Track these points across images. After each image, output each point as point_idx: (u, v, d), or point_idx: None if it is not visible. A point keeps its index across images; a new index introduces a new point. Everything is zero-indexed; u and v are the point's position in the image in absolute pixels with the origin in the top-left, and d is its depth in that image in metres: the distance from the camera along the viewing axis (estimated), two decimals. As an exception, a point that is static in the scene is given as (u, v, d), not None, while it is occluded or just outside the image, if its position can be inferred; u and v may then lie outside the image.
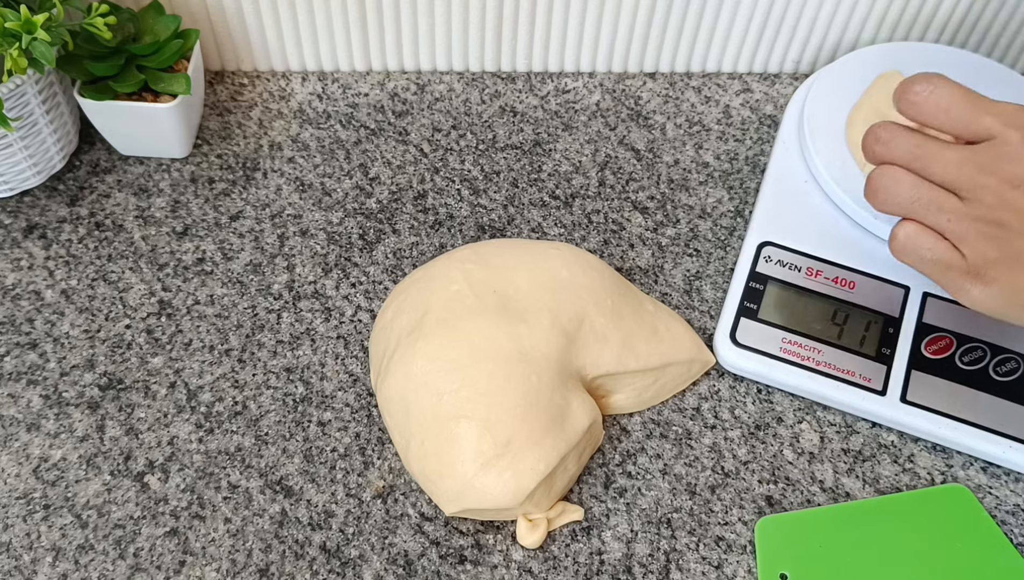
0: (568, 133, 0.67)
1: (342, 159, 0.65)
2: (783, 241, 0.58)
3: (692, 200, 0.64)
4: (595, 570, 0.49)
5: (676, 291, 0.60)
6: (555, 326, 0.50)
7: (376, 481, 0.52)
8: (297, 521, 0.50)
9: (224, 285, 0.59)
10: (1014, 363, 0.54)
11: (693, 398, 0.55)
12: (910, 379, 0.54)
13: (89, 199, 0.62)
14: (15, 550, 0.49)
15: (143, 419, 0.53)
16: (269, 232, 0.61)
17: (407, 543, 0.50)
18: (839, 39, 0.69)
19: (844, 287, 0.57)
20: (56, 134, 0.60)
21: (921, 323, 0.55)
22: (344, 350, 0.56)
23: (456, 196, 0.64)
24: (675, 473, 0.52)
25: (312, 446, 0.53)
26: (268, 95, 0.68)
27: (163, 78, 0.60)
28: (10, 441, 0.52)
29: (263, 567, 0.49)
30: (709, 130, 0.68)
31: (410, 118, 0.68)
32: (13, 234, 0.60)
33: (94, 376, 0.55)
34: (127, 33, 0.60)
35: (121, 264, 0.59)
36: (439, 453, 0.48)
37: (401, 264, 0.60)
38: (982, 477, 0.53)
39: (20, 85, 0.56)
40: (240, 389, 0.55)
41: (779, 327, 0.56)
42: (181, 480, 0.51)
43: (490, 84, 0.70)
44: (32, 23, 0.51)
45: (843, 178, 0.59)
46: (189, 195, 0.63)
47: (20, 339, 0.56)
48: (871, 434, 0.54)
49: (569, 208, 0.63)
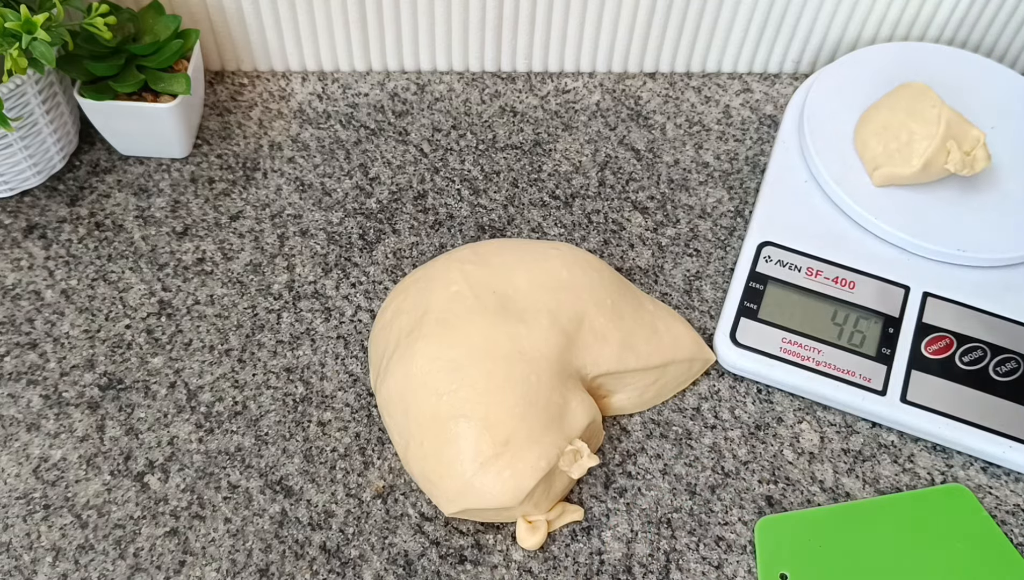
0: (568, 133, 0.67)
1: (342, 159, 0.65)
2: (783, 241, 0.58)
3: (692, 200, 0.64)
4: (595, 570, 0.49)
5: (676, 291, 0.60)
6: (555, 326, 0.50)
7: (376, 481, 0.52)
8: (297, 521, 0.50)
9: (224, 285, 0.59)
10: (1014, 363, 0.54)
11: (693, 398, 0.55)
12: (910, 379, 0.54)
13: (89, 199, 0.62)
14: (15, 550, 0.49)
15: (143, 419, 0.53)
16: (269, 232, 0.61)
17: (407, 543, 0.50)
18: (839, 39, 0.69)
19: (844, 287, 0.57)
20: (56, 134, 0.60)
21: (921, 323, 0.55)
22: (344, 350, 0.56)
23: (456, 196, 0.64)
24: (675, 473, 0.52)
25: (312, 446, 0.53)
26: (268, 95, 0.68)
27: (163, 78, 0.60)
28: (10, 441, 0.52)
29: (263, 567, 0.49)
30: (709, 130, 0.68)
31: (410, 118, 0.68)
32: (13, 234, 0.60)
33: (94, 376, 0.55)
34: (127, 33, 0.60)
35: (121, 264, 0.59)
36: (438, 453, 0.48)
37: (401, 264, 0.60)
38: (982, 477, 0.53)
39: (20, 85, 0.56)
40: (240, 389, 0.55)
41: (779, 327, 0.56)
42: (181, 480, 0.51)
43: (490, 84, 0.70)
44: (32, 23, 0.51)
45: (843, 178, 0.59)
46: (189, 195, 0.63)
47: (20, 339, 0.56)
48: (871, 434, 0.54)
49: (569, 208, 0.63)
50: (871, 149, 0.59)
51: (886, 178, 0.58)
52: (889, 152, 0.58)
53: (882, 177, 0.58)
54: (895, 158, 0.58)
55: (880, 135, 0.59)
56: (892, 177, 0.58)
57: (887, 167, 0.58)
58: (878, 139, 0.59)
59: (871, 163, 0.59)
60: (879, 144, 0.59)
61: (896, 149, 0.58)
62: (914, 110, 0.58)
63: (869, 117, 0.60)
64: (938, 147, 0.56)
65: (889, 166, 0.58)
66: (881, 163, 0.58)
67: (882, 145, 0.58)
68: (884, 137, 0.58)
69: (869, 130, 0.59)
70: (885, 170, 0.58)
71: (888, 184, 0.59)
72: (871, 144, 0.59)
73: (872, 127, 0.59)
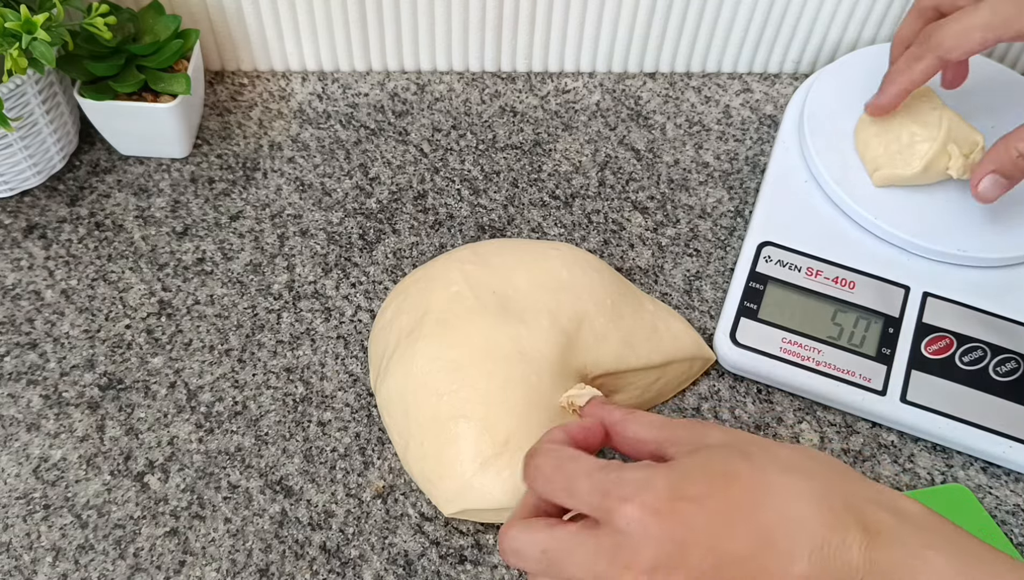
0: (568, 133, 0.67)
1: (342, 159, 0.65)
2: (783, 241, 0.58)
3: (692, 200, 0.64)
4: (595, 570, 0.49)
5: (676, 291, 0.60)
6: (555, 326, 0.50)
7: (376, 481, 0.52)
8: (297, 521, 0.50)
9: (224, 285, 0.59)
10: (1014, 363, 0.54)
11: (693, 398, 0.55)
12: (910, 379, 0.54)
13: (89, 199, 0.62)
14: (15, 550, 0.49)
15: (143, 419, 0.53)
16: (269, 232, 0.61)
17: (407, 543, 0.50)
18: (839, 39, 0.69)
19: (844, 287, 0.57)
20: (56, 134, 0.60)
21: (921, 323, 0.55)
22: (344, 350, 0.56)
23: (456, 196, 0.64)
24: (675, 473, 0.52)
25: (312, 446, 0.53)
26: (268, 95, 0.68)
27: (163, 78, 0.60)
28: (10, 441, 0.52)
29: (263, 567, 0.49)
30: (709, 130, 0.68)
31: (410, 118, 0.68)
32: (13, 234, 0.60)
33: (94, 376, 0.55)
34: (127, 33, 0.60)
35: (121, 264, 0.59)
36: (438, 453, 0.48)
37: (401, 264, 0.60)
38: (982, 477, 0.53)
39: (20, 85, 0.56)
40: (240, 389, 0.55)
41: (779, 327, 0.56)
42: (181, 480, 0.51)
43: (490, 84, 0.70)
44: (32, 23, 0.51)
45: (843, 178, 0.59)
46: (189, 195, 0.63)
47: (20, 339, 0.56)
48: (871, 434, 0.54)
49: (569, 208, 0.63)
50: (872, 150, 0.59)
51: (887, 179, 0.58)
52: (890, 153, 0.58)
53: (883, 178, 0.58)
54: (896, 160, 0.58)
55: (881, 136, 0.59)
56: (893, 178, 0.58)
57: (888, 168, 0.58)
58: (879, 140, 0.59)
59: (872, 164, 0.59)
60: (880, 145, 0.59)
61: (897, 151, 0.58)
62: (915, 111, 0.58)
63: (870, 118, 0.60)
64: (939, 150, 0.56)
65: (890, 168, 0.58)
66: (882, 164, 0.58)
67: (883, 146, 0.58)
68: (885, 138, 0.58)
69: (870, 131, 0.59)
70: (886, 171, 0.58)
71: (888, 185, 0.59)
72: (872, 145, 0.59)
73: (873, 128, 0.59)
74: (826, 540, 0.33)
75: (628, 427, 0.40)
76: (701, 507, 0.34)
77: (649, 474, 0.35)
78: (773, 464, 0.36)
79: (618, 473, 0.36)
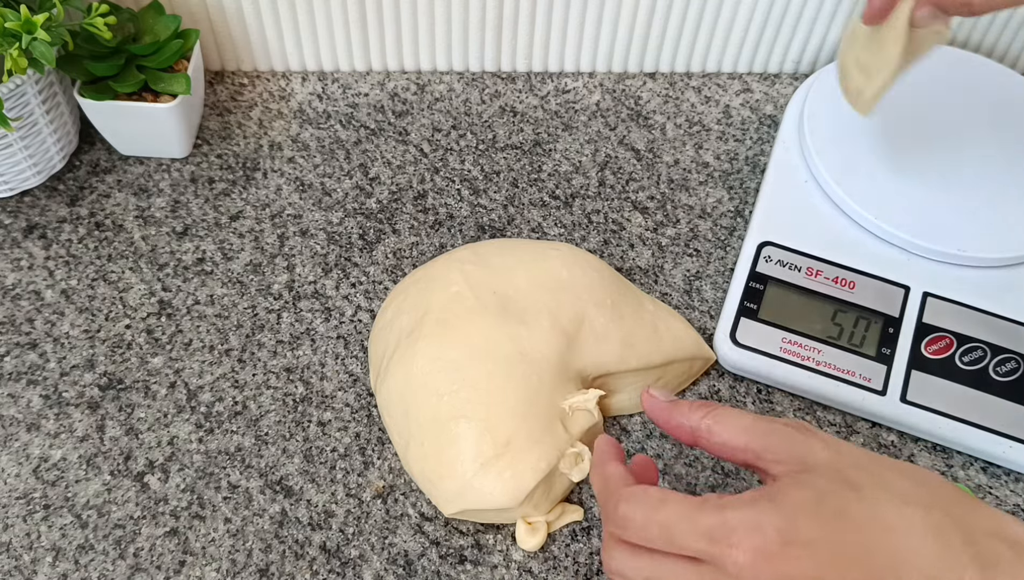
0: (568, 133, 0.67)
1: (342, 159, 0.65)
2: (783, 241, 0.58)
3: (692, 200, 0.64)
4: (595, 570, 0.49)
5: (676, 291, 0.60)
6: (555, 326, 0.50)
7: (376, 481, 0.52)
8: (297, 521, 0.50)
9: (224, 285, 0.59)
10: (1014, 363, 0.54)
11: (693, 398, 0.55)
12: (910, 379, 0.54)
13: (89, 199, 0.62)
14: (15, 550, 0.49)
15: (143, 419, 0.53)
16: (269, 232, 0.61)
17: (407, 543, 0.50)
18: (839, 39, 0.69)
19: (844, 287, 0.57)
20: (56, 134, 0.60)
21: (921, 323, 0.55)
22: (344, 350, 0.56)
23: (456, 196, 0.64)
24: (675, 473, 0.52)
25: (312, 446, 0.53)
26: (268, 95, 0.68)
27: (163, 78, 0.60)
28: (10, 441, 0.52)
29: (263, 567, 0.49)
30: (709, 130, 0.68)
31: (410, 118, 0.68)
32: (13, 234, 0.60)
33: (94, 376, 0.55)
34: (127, 33, 0.60)
35: (121, 264, 0.59)
36: (439, 454, 0.48)
37: (401, 264, 0.60)
38: (982, 477, 0.53)
39: (20, 85, 0.56)
40: (240, 389, 0.55)
41: (779, 327, 0.56)
42: (181, 480, 0.51)
43: (490, 84, 0.70)
44: (32, 23, 0.51)
45: (843, 178, 0.59)
46: (189, 195, 0.63)
47: (20, 339, 0.56)
48: (871, 434, 0.54)
49: (569, 208, 0.63)
50: (854, 81, 0.55)
51: (874, 97, 0.54)
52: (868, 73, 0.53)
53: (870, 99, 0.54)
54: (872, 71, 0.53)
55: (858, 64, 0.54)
56: (879, 89, 0.53)
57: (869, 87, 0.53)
58: (858, 69, 0.54)
59: (855, 94, 0.55)
60: (860, 74, 0.54)
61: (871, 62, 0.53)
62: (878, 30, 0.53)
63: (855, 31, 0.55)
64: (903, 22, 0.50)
65: (870, 83, 0.53)
66: (863, 85, 0.54)
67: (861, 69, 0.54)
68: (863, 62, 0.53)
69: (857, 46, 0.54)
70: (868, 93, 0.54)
71: (877, 102, 0.54)
72: (852, 74, 0.55)
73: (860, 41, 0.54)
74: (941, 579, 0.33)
75: (716, 434, 0.39)
76: (813, 552, 0.33)
77: (756, 516, 0.34)
78: (885, 494, 0.35)
79: (720, 515, 0.35)
